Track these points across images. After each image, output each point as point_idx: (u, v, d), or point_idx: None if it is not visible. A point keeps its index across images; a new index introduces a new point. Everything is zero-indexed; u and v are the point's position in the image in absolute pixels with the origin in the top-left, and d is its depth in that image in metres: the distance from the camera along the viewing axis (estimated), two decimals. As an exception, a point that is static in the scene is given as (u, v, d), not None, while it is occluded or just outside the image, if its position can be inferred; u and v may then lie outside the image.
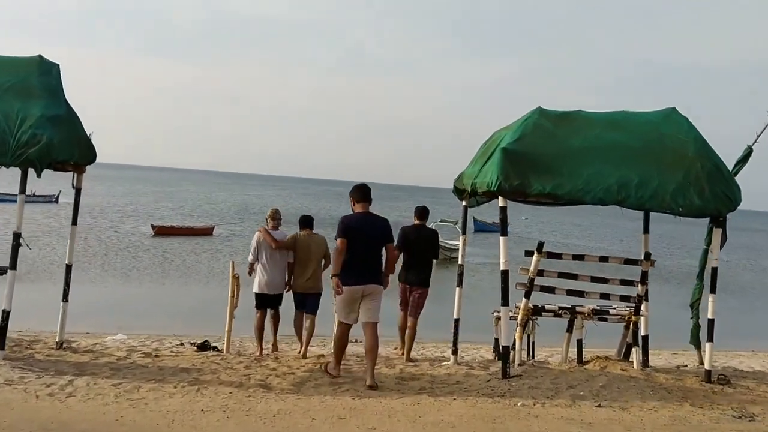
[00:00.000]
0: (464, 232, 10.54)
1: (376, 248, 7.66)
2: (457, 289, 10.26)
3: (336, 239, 7.57)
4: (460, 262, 10.35)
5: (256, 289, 9.82)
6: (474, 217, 71.01)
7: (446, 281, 34.47)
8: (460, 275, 10.23)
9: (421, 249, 9.93)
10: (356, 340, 16.92)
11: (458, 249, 36.16)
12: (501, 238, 8.76)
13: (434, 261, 10.23)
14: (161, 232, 41.62)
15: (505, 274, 8.66)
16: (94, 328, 17.68)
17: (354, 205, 7.78)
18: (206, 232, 44.19)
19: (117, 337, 14.91)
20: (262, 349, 10.10)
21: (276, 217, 9.80)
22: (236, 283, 9.99)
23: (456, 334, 10.24)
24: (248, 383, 7.88)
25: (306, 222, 9.95)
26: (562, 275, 9.57)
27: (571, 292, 9.64)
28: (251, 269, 9.91)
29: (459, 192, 10.14)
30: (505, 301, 8.70)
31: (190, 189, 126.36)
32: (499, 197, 8.65)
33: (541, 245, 9.21)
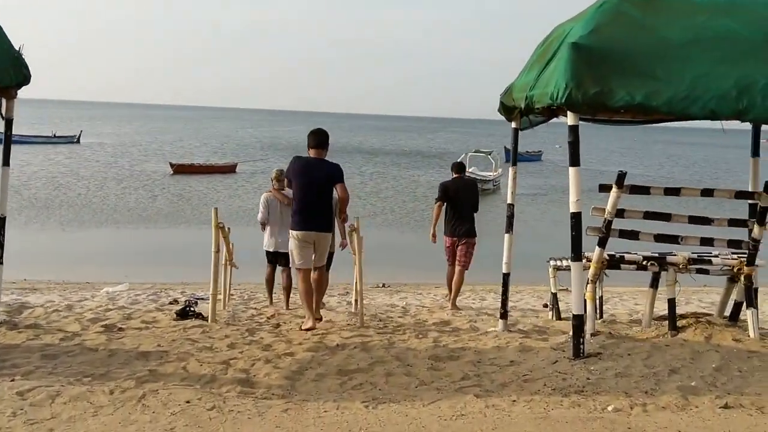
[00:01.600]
0: (514, 163, 8.04)
1: (325, 193, 7.43)
2: (506, 235, 7.85)
3: None
4: (509, 201, 7.92)
5: (270, 248, 9.55)
6: (505, 147, 68.37)
7: (480, 215, 31.85)
8: (510, 218, 7.83)
9: (463, 200, 9.84)
10: (384, 285, 15.10)
11: (491, 180, 34.05)
12: (571, 169, 6.34)
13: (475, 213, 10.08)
14: (180, 170, 39.61)
15: (576, 218, 6.29)
16: (97, 276, 16.08)
17: (308, 150, 7.52)
18: (228, 169, 42.08)
19: (117, 288, 13.12)
20: (272, 300, 10.00)
21: (281, 178, 9.22)
22: (222, 234, 7.73)
23: (505, 292, 7.92)
24: (223, 377, 5.65)
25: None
26: (648, 215, 7.11)
27: (661, 238, 7.14)
28: (263, 228, 9.68)
29: (507, 110, 7.57)
30: (576, 255, 6.33)
31: (219, 126, 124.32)
32: (568, 113, 6.17)
33: (621, 177, 6.75)
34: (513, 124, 7.72)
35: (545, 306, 10.24)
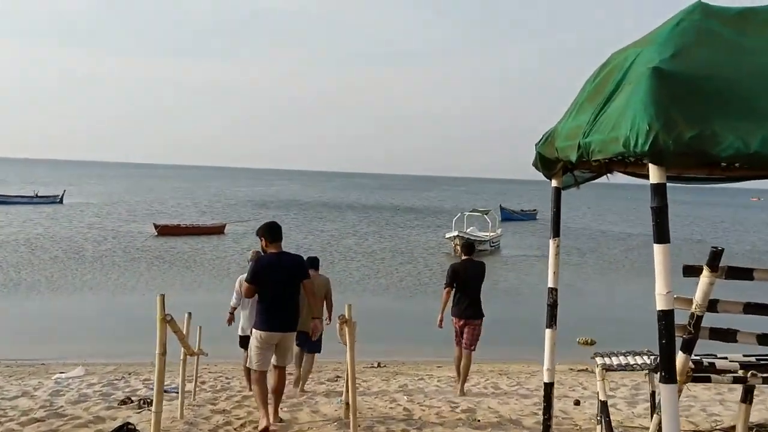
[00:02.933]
0: (556, 233, 5.83)
1: (291, 289, 6.93)
2: (548, 331, 5.69)
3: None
4: (551, 284, 5.74)
5: (248, 331, 8.42)
6: (500, 205, 66.63)
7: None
8: (552, 308, 5.74)
9: (472, 282, 9.77)
10: (379, 364, 13.44)
11: (489, 240, 32.37)
12: (657, 248, 4.28)
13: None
14: (165, 231, 37.92)
15: (667, 319, 4.27)
16: (58, 352, 14.46)
17: (266, 246, 7.01)
18: (216, 230, 40.44)
19: (71, 374, 11.43)
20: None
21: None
22: (172, 328, 5.90)
23: (548, 408, 5.71)
24: None
25: (312, 263, 9.27)
26: (749, 308, 5.11)
27: (766, 339, 5.07)
28: (231, 317, 9.15)
29: (547, 164, 5.49)
30: (668, 374, 4.29)
31: (212, 185, 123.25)
32: (651, 166, 4.20)
33: (717, 255, 4.77)
34: (553, 182, 5.71)
35: (576, 404, 8.55)
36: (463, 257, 10.07)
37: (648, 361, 5.94)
